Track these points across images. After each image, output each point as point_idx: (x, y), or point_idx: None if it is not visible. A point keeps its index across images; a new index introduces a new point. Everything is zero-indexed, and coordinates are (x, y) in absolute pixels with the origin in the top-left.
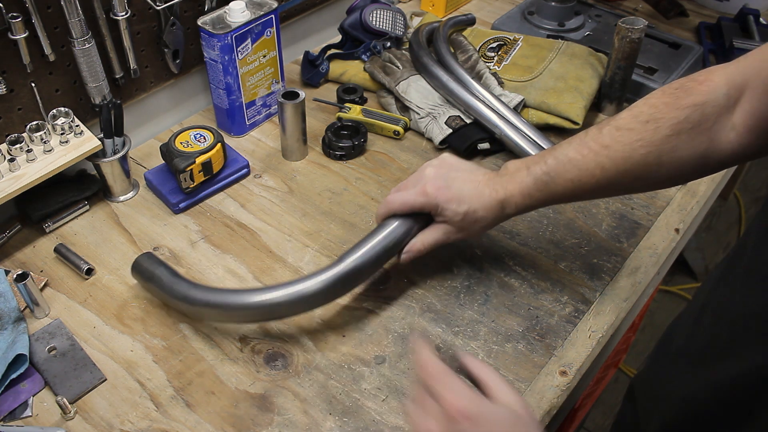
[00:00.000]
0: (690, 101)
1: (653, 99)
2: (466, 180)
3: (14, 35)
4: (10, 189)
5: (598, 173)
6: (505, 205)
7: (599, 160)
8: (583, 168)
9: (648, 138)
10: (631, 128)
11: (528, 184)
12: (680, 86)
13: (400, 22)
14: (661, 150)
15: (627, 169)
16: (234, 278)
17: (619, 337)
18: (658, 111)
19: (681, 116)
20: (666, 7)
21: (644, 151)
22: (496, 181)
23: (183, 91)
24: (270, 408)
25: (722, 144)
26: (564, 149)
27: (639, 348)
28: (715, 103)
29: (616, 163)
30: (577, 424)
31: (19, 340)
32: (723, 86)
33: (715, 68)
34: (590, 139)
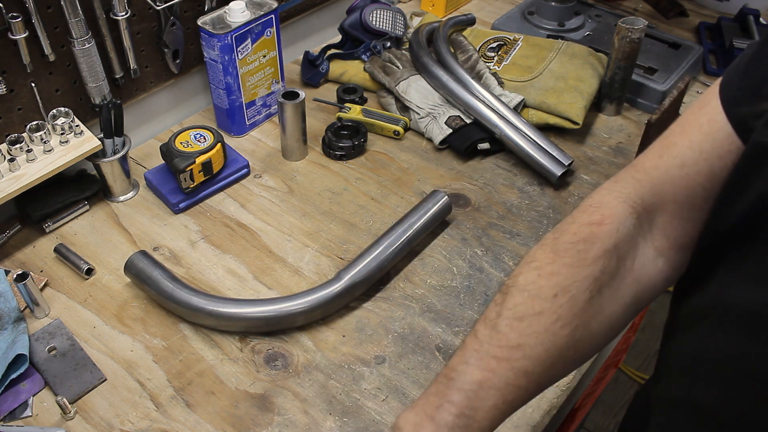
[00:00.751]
0: (598, 250)
1: (548, 267)
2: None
3: (14, 35)
4: (10, 189)
5: (523, 382)
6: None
7: (516, 366)
8: (503, 386)
9: (567, 314)
10: (538, 312)
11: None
12: (575, 238)
13: (400, 22)
14: (586, 320)
15: (555, 360)
16: (234, 278)
17: (619, 337)
18: (563, 278)
19: (596, 272)
20: (666, 7)
21: (568, 331)
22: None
23: (183, 91)
24: (270, 408)
25: (652, 277)
26: (465, 372)
27: (639, 348)
28: (628, 239)
29: (540, 360)
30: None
31: (19, 340)
32: (628, 216)
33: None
34: (490, 345)
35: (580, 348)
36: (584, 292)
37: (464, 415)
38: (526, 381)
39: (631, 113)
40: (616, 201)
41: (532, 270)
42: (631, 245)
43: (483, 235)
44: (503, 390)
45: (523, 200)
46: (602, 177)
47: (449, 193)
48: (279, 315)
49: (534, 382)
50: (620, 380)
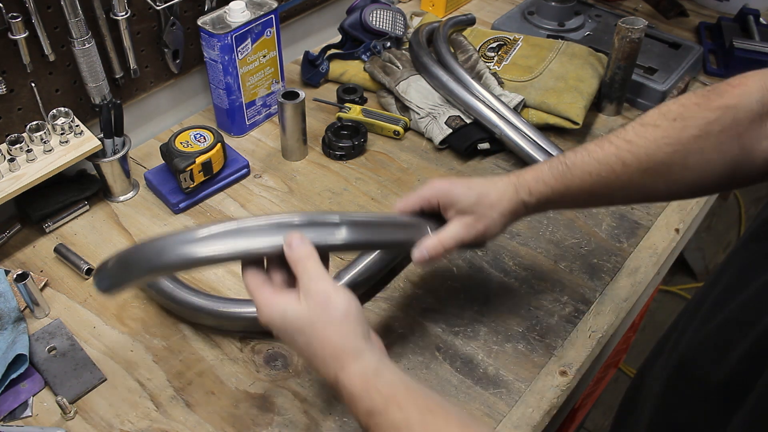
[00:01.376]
0: (721, 102)
1: (683, 99)
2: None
3: (14, 35)
4: (10, 189)
5: (618, 168)
6: (518, 187)
7: (621, 154)
8: (603, 161)
9: (674, 136)
10: (657, 125)
11: (543, 170)
12: (713, 88)
13: (400, 22)
14: (687, 150)
15: (650, 167)
16: (234, 278)
17: (619, 337)
18: (687, 110)
19: (711, 117)
20: (666, 7)
21: (670, 150)
22: (510, 173)
23: (183, 91)
24: (270, 408)
25: (755, 153)
26: (586, 145)
27: (639, 348)
28: (748, 108)
29: (639, 158)
30: (577, 424)
31: (19, 340)
32: (757, 92)
33: (752, 73)
34: (614, 135)
35: (673, 171)
36: (695, 127)
37: (566, 164)
38: (621, 168)
39: (631, 113)
40: (755, 78)
41: (675, 99)
42: (748, 116)
43: None
44: (602, 164)
45: None
46: None
47: None
48: None
49: (626, 174)
50: (620, 380)
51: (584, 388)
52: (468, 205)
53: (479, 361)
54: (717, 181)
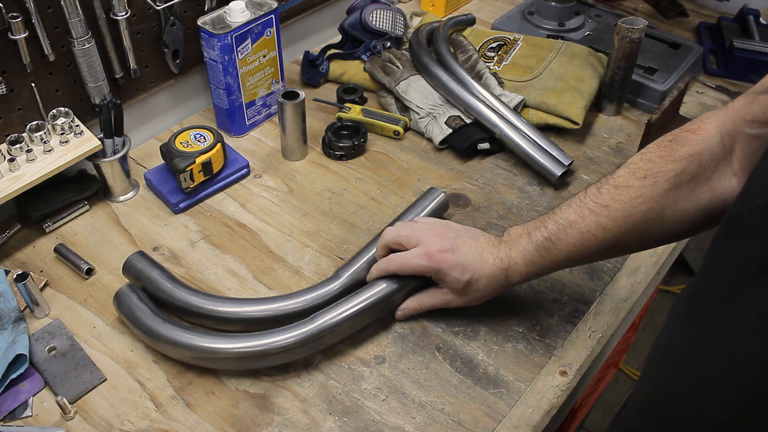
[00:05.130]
0: (684, 152)
1: (648, 154)
2: (471, 246)
3: (14, 35)
4: (10, 189)
5: (600, 235)
6: (509, 274)
7: (600, 220)
8: (585, 230)
9: (647, 194)
10: (629, 185)
11: (530, 251)
12: (674, 138)
13: (400, 22)
14: (662, 205)
15: (629, 228)
16: (234, 278)
17: (619, 337)
18: (654, 165)
19: (678, 168)
20: (666, 7)
21: (645, 208)
22: (500, 248)
23: (183, 91)
24: (270, 408)
25: (726, 193)
26: (564, 212)
27: (639, 348)
28: (711, 152)
29: (617, 222)
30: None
31: (19, 340)
32: (716, 134)
33: (708, 116)
34: (589, 199)
35: (652, 228)
36: (666, 181)
37: (551, 240)
38: (602, 234)
39: (631, 113)
40: (712, 121)
41: (639, 154)
42: (712, 159)
43: None
44: (584, 234)
45: (523, 200)
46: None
47: (449, 193)
48: (278, 314)
49: (608, 239)
50: (620, 380)
51: (584, 388)
52: (457, 288)
53: (479, 361)
54: (695, 226)
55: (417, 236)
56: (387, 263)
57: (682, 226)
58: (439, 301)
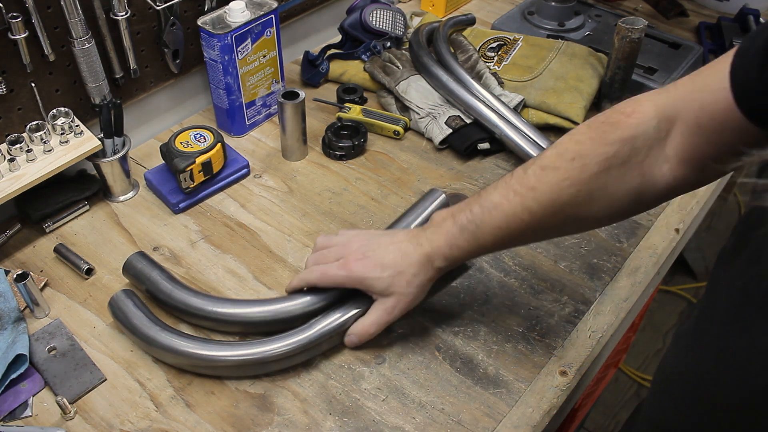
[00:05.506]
0: (618, 136)
1: (578, 135)
2: (387, 244)
3: (14, 35)
4: (10, 189)
5: (526, 217)
6: (432, 258)
7: (526, 203)
8: (510, 213)
9: (575, 176)
10: (556, 167)
11: (454, 234)
12: (606, 120)
13: (400, 22)
14: (590, 188)
15: (556, 210)
16: (234, 278)
17: (619, 337)
18: (585, 147)
19: (609, 152)
20: (666, 7)
21: (573, 191)
22: (421, 235)
23: (183, 91)
24: (270, 408)
25: (656, 178)
26: (489, 195)
27: (639, 348)
28: (646, 137)
29: (544, 205)
30: (577, 424)
31: (19, 340)
32: (653, 118)
33: (643, 97)
34: (515, 181)
35: (580, 211)
36: (595, 164)
37: (475, 222)
38: (528, 217)
39: None
40: (648, 104)
41: (569, 135)
42: (646, 143)
43: None
44: (509, 217)
45: None
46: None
47: (449, 193)
48: (278, 316)
49: (534, 222)
50: (620, 380)
51: (584, 388)
52: (384, 288)
53: (479, 361)
54: (624, 209)
55: (334, 253)
56: (307, 273)
57: (610, 210)
58: (382, 315)
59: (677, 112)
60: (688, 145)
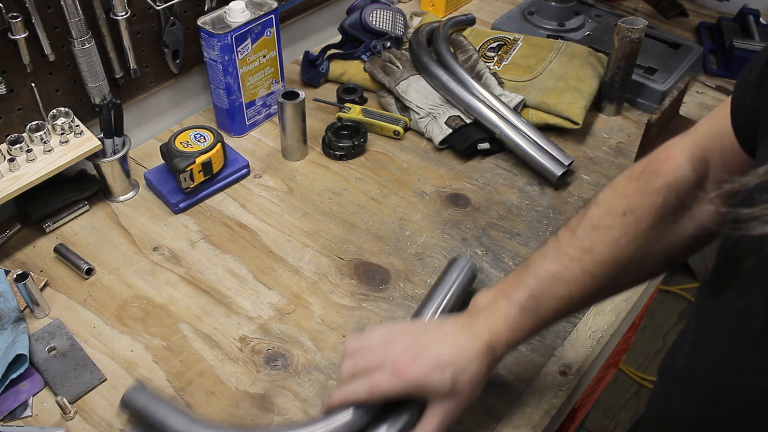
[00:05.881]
0: (661, 183)
1: (622, 189)
2: (438, 339)
3: (14, 35)
4: (10, 189)
5: (588, 282)
6: (494, 346)
7: (586, 267)
8: (571, 281)
9: (632, 232)
10: (609, 225)
11: (513, 315)
12: (645, 169)
13: (400, 22)
14: (649, 241)
15: (618, 270)
16: (234, 278)
17: (619, 337)
18: (633, 200)
19: (658, 201)
20: (666, 7)
21: (632, 247)
22: (475, 323)
23: (183, 91)
24: (270, 408)
25: (706, 221)
26: (542, 264)
27: (639, 348)
28: (687, 180)
29: (605, 266)
30: (577, 424)
31: (19, 340)
32: (686, 162)
33: (672, 143)
34: (567, 246)
35: (641, 266)
36: (648, 216)
37: (535, 297)
38: (591, 282)
39: (631, 113)
40: (678, 148)
41: (610, 189)
42: (688, 186)
43: (483, 235)
44: (571, 284)
45: (523, 200)
46: (602, 177)
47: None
48: None
49: (597, 286)
50: (620, 380)
51: (584, 388)
52: (447, 390)
53: None
54: (682, 257)
55: (375, 358)
56: (352, 390)
57: (670, 258)
58: (442, 419)
59: (705, 154)
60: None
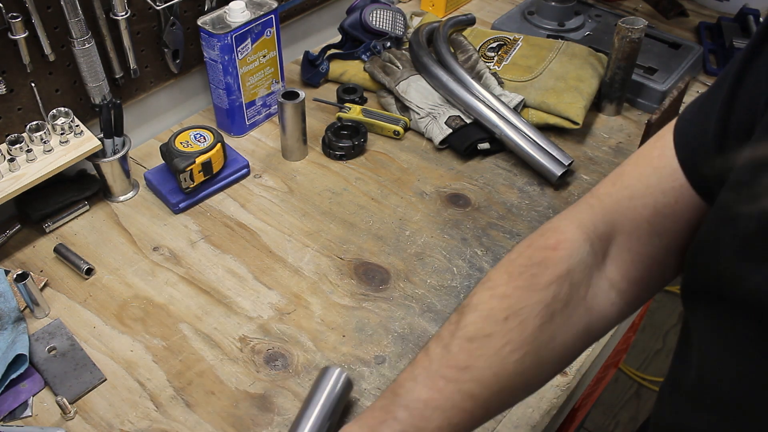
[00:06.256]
0: (550, 276)
1: (500, 288)
2: None
3: (14, 35)
4: (10, 189)
5: (469, 406)
6: None
7: (464, 389)
8: (448, 408)
9: (516, 338)
10: (488, 334)
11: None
12: (529, 261)
13: (400, 22)
14: (537, 347)
15: (502, 386)
16: (234, 278)
17: (619, 337)
18: (515, 301)
19: (547, 298)
20: (666, 7)
21: (517, 356)
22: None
23: (183, 91)
24: (270, 408)
25: (605, 309)
26: (412, 390)
27: (639, 348)
28: (582, 266)
29: (487, 384)
30: (577, 424)
31: (19, 340)
32: (583, 243)
33: (561, 223)
34: (440, 365)
35: (529, 376)
36: (535, 317)
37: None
38: (472, 404)
39: (631, 113)
40: (572, 227)
41: (486, 290)
42: (584, 273)
43: (483, 235)
44: (449, 412)
45: (523, 200)
46: (602, 177)
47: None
48: None
49: (480, 407)
50: (620, 380)
51: (584, 388)
52: None
53: None
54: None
55: None
56: None
57: (562, 360)
58: None
59: (612, 226)
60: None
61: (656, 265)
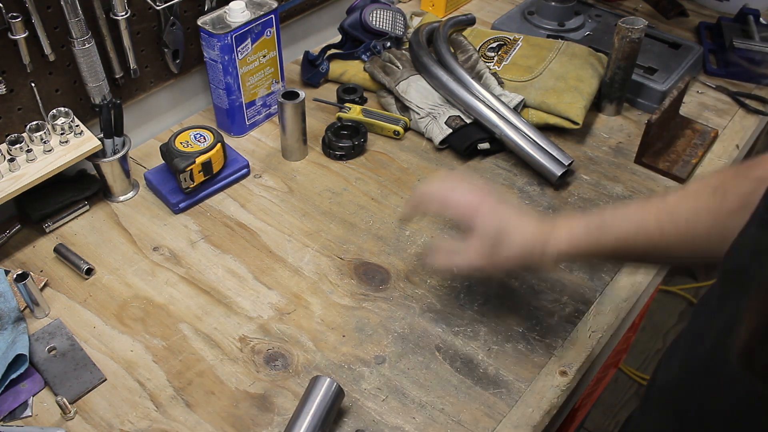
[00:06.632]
0: (758, 174)
1: (723, 171)
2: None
3: (14, 35)
4: (10, 189)
5: (655, 235)
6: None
7: (661, 220)
8: (642, 226)
9: (714, 208)
10: (698, 195)
11: (578, 230)
12: (752, 160)
13: (400, 22)
14: (726, 224)
15: (687, 239)
16: (234, 278)
17: (619, 337)
18: (727, 181)
19: (749, 188)
20: (666, 7)
21: (709, 222)
22: (545, 221)
23: (183, 91)
24: (270, 408)
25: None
26: (625, 206)
27: (639, 348)
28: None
29: (678, 228)
30: (577, 424)
31: (19, 340)
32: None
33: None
34: (656, 199)
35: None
36: (735, 197)
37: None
38: (658, 236)
39: (631, 113)
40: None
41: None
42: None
43: None
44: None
45: (523, 200)
46: (602, 177)
47: None
48: None
49: (662, 243)
50: (620, 380)
51: (584, 388)
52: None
53: (479, 361)
54: None
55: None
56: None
57: None
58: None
59: None
60: None
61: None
